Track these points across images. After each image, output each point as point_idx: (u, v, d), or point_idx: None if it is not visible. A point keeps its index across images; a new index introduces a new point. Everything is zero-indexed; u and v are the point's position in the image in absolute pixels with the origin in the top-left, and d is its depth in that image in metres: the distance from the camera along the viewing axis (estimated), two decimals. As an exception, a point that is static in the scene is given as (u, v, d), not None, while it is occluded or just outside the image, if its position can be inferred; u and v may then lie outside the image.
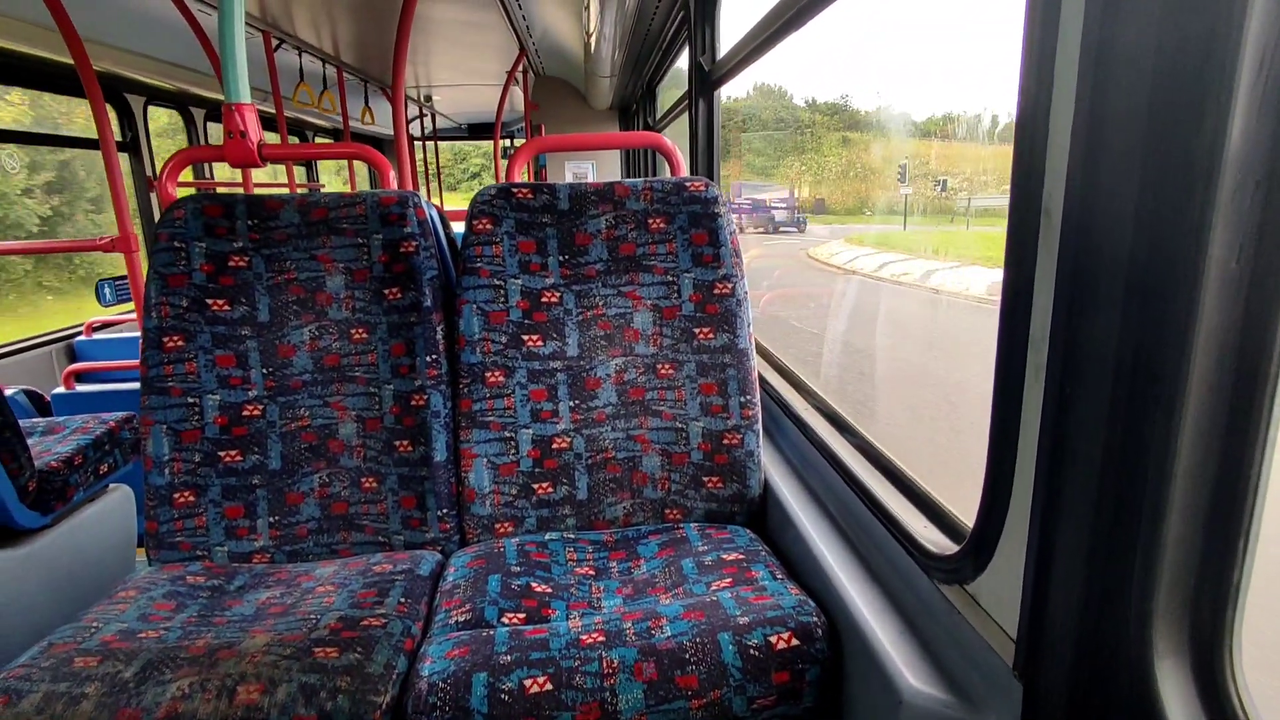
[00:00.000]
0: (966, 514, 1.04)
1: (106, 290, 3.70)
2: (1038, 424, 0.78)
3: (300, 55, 4.52)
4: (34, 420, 2.26)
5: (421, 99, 7.55)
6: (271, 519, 1.62)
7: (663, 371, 1.68)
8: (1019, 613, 0.82)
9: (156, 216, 4.16)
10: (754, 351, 1.69)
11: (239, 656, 1.18)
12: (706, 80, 2.84)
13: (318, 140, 7.57)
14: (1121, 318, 0.66)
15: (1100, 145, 0.68)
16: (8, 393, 2.08)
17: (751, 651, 1.15)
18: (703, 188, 1.70)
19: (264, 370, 1.65)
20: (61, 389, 2.98)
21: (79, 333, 3.73)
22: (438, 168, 9.19)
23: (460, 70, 6.07)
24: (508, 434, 1.64)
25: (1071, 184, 0.71)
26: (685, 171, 1.98)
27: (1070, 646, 0.76)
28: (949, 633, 0.99)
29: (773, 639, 1.16)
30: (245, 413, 1.63)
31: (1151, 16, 0.62)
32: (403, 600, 1.37)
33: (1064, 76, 0.71)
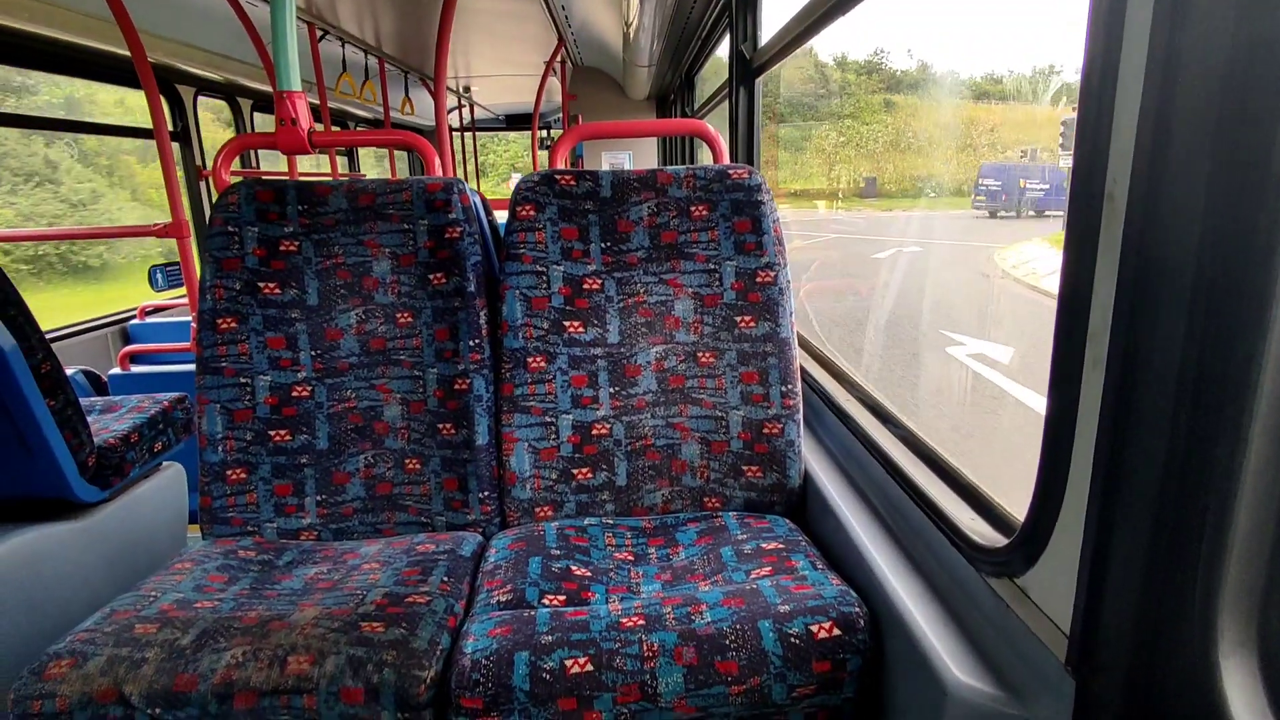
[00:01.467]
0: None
1: (159, 276, 3.81)
2: (1095, 417, 0.76)
3: (343, 46, 4.60)
4: (92, 399, 2.35)
5: (460, 90, 7.62)
6: (319, 497, 1.66)
7: (703, 359, 1.67)
8: (1072, 607, 0.81)
9: (204, 204, 4.28)
10: (795, 341, 1.68)
11: (289, 628, 1.22)
12: (748, 68, 2.81)
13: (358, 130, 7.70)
14: (1189, 312, 0.64)
15: (1171, 126, 0.65)
16: (68, 373, 2.16)
17: (792, 640, 1.15)
18: (746, 175, 1.69)
19: (312, 352, 1.69)
20: (117, 370, 3.08)
21: (133, 316, 3.85)
22: (475, 158, 9.27)
23: (499, 61, 6.11)
24: (548, 419, 1.66)
25: (1138, 167, 0.69)
26: (727, 159, 1.97)
27: (1128, 642, 0.74)
28: (995, 626, 0.98)
29: (814, 628, 1.16)
30: (294, 393, 1.67)
31: None
32: (445, 579, 1.39)
33: (1133, 43, 0.68)
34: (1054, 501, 0.84)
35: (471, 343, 1.67)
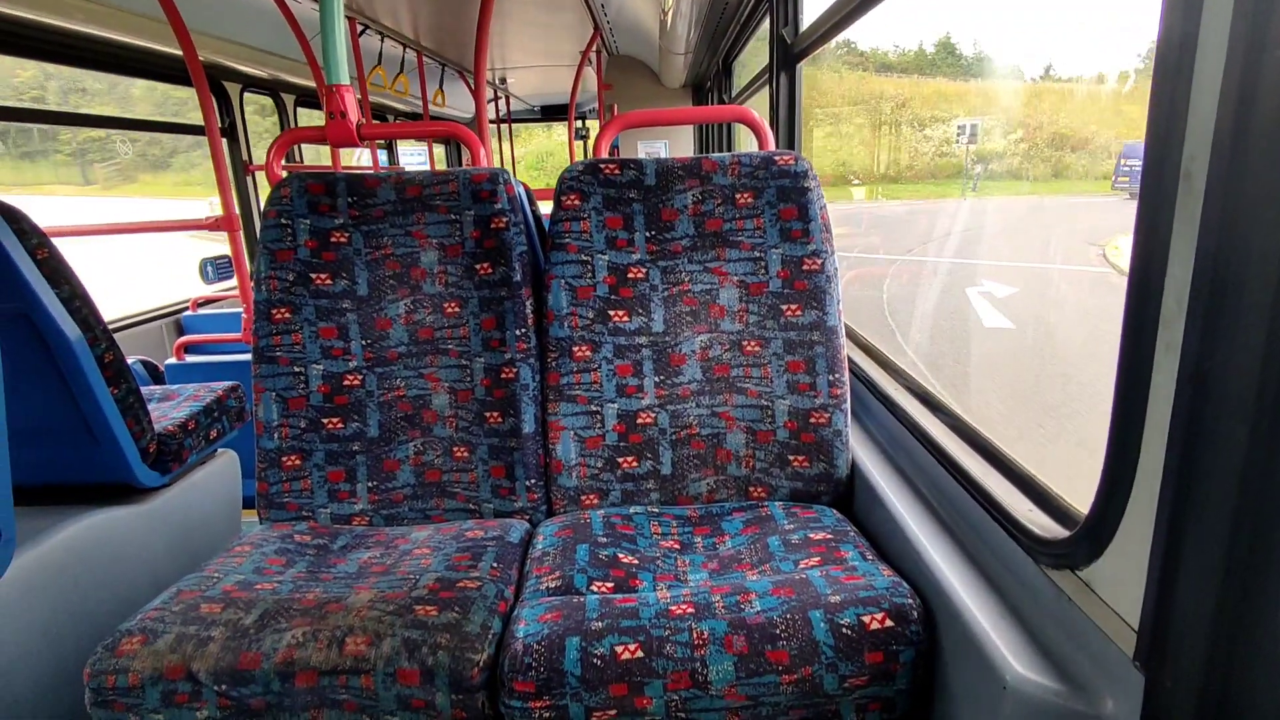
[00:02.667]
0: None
1: (209, 269, 3.92)
2: (1169, 406, 0.74)
3: (382, 40, 4.65)
4: (151, 388, 2.43)
5: (496, 81, 7.65)
6: (370, 484, 1.70)
7: (748, 348, 1.66)
8: (1142, 600, 0.79)
9: (250, 198, 4.39)
10: (843, 329, 1.66)
11: (346, 610, 1.25)
12: (789, 54, 2.77)
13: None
14: (1275, 295, 0.62)
15: (1256, 101, 0.62)
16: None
17: (844, 630, 1.14)
18: (792, 161, 1.67)
19: (363, 342, 1.72)
20: (173, 359, 3.19)
21: (186, 308, 3.98)
22: (512, 150, 9.32)
23: (535, 52, 6.12)
24: (594, 408, 1.67)
25: (1219, 145, 0.66)
26: (772, 146, 1.94)
27: (1203, 637, 0.72)
28: (1056, 619, 0.96)
29: (865, 619, 1.15)
30: (346, 382, 1.71)
31: None
32: (495, 565, 1.41)
33: (1214, 10, 0.65)
34: (1122, 492, 0.82)
35: (518, 332, 1.69)
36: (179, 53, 2.87)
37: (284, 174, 1.86)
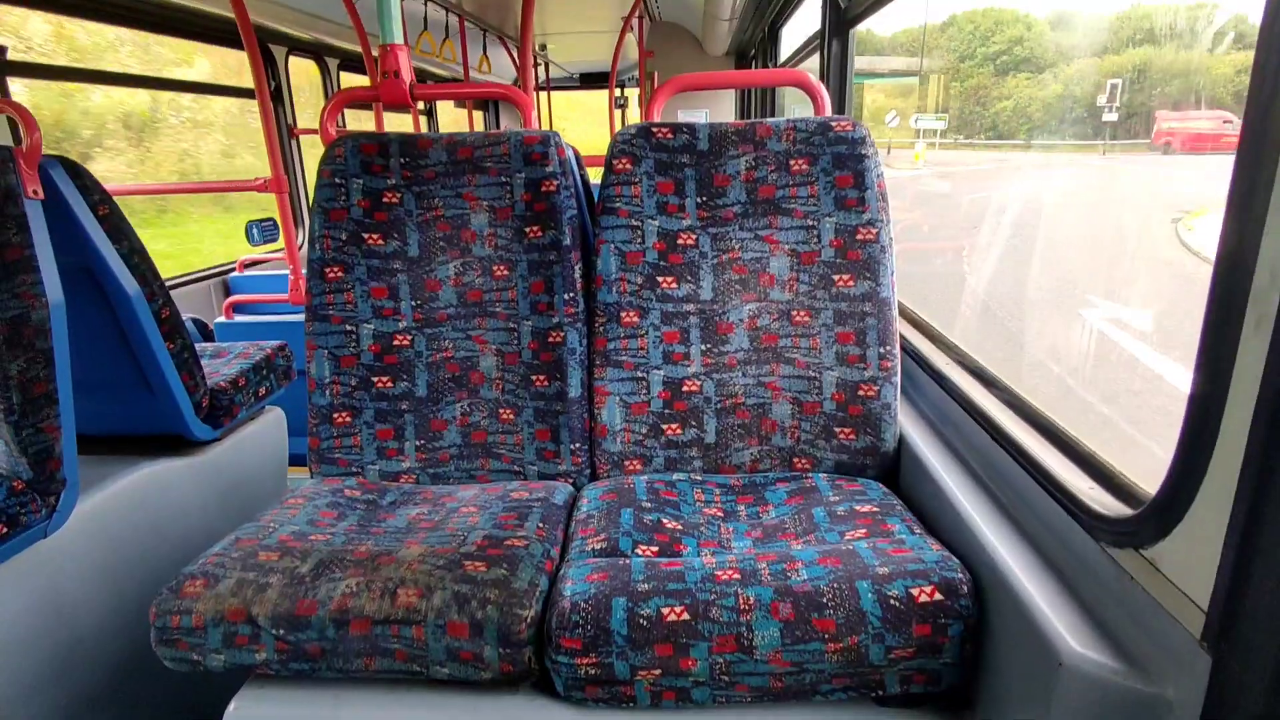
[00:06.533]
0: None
1: (255, 231, 3.99)
2: (1256, 385, 0.71)
3: (426, 4, 4.63)
4: (203, 345, 2.50)
5: (536, 47, 7.58)
6: (418, 443, 1.73)
7: (797, 318, 1.64)
8: (1213, 582, 0.77)
9: (295, 161, 4.43)
10: (895, 302, 1.63)
11: (398, 563, 1.28)
12: (842, 18, 2.70)
13: None
14: None
15: None
16: None
17: (892, 601, 1.13)
18: (850, 128, 1.63)
19: (413, 302, 1.74)
20: (223, 318, 3.26)
21: (234, 269, 4.06)
22: (550, 118, 9.27)
23: (576, 17, 6.04)
24: (640, 374, 1.67)
25: None
26: (828, 113, 1.90)
27: (1277, 621, 0.70)
28: (1117, 598, 0.94)
29: (914, 591, 1.14)
30: (396, 342, 1.73)
31: None
32: (541, 525, 1.43)
33: None
34: (1197, 471, 0.79)
35: (566, 296, 1.69)
36: (230, 15, 2.89)
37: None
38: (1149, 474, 0.96)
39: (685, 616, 1.15)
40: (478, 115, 7.62)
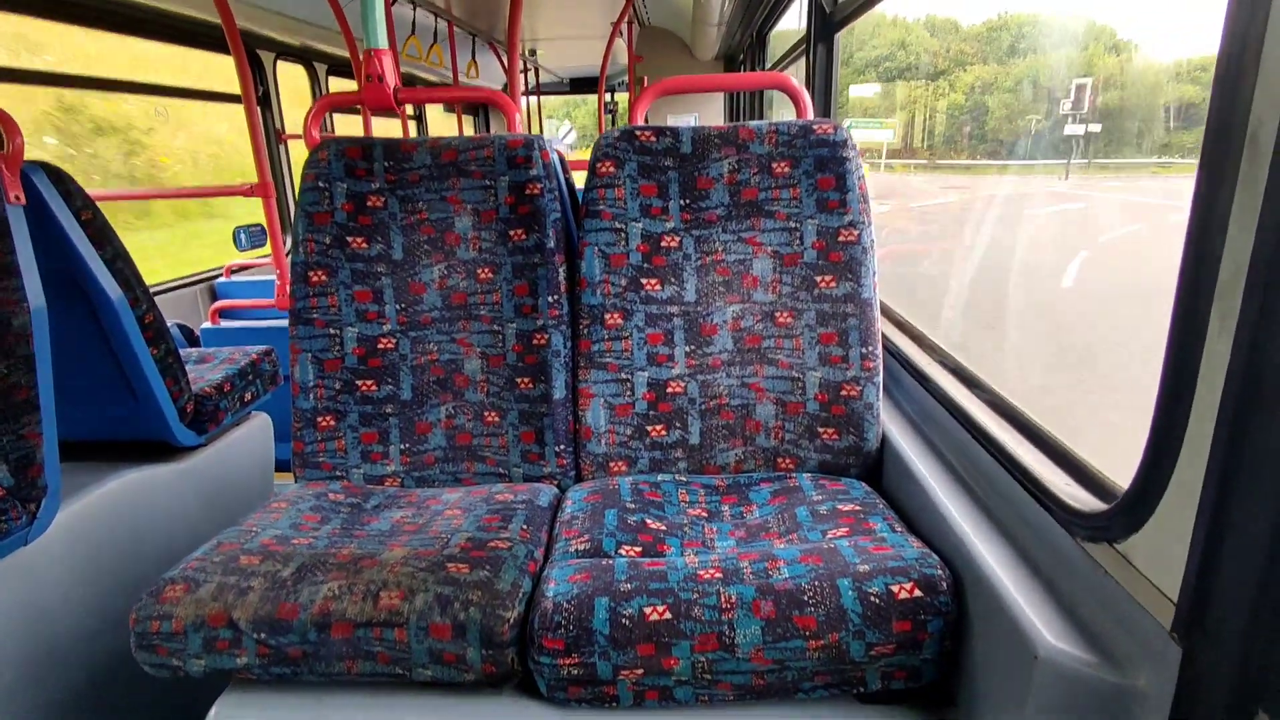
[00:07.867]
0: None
1: (242, 236, 3.98)
2: (1221, 379, 0.72)
3: (414, 10, 4.63)
4: (188, 350, 2.49)
5: (526, 52, 7.60)
6: (402, 446, 1.73)
7: (781, 320, 1.65)
8: (1183, 574, 0.78)
9: (284, 166, 4.42)
10: (878, 302, 1.64)
11: (380, 566, 1.28)
12: (828, 23, 2.72)
13: None
14: None
15: None
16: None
17: (872, 598, 1.14)
18: (831, 131, 1.64)
19: (397, 306, 1.74)
20: (209, 324, 3.25)
21: (220, 274, 4.04)
22: (540, 123, 9.28)
23: (565, 22, 6.06)
24: (624, 375, 1.68)
25: None
26: (811, 116, 1.91)
27: (1244, 613, 0.71)
28: (1091, 592, 0.95)
29: (894, 588, 1.15)
30: (380, 345, 1.73)
31: None
32: (524, 527, 1.43)
33: None
34: (1166, 466, 0.81)
35: (550, 298, 1.69)
36: (217, 20, 2.88)
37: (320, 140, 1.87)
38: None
39: (667, 616, 1.15)
40: (467, 121, 7.62)
